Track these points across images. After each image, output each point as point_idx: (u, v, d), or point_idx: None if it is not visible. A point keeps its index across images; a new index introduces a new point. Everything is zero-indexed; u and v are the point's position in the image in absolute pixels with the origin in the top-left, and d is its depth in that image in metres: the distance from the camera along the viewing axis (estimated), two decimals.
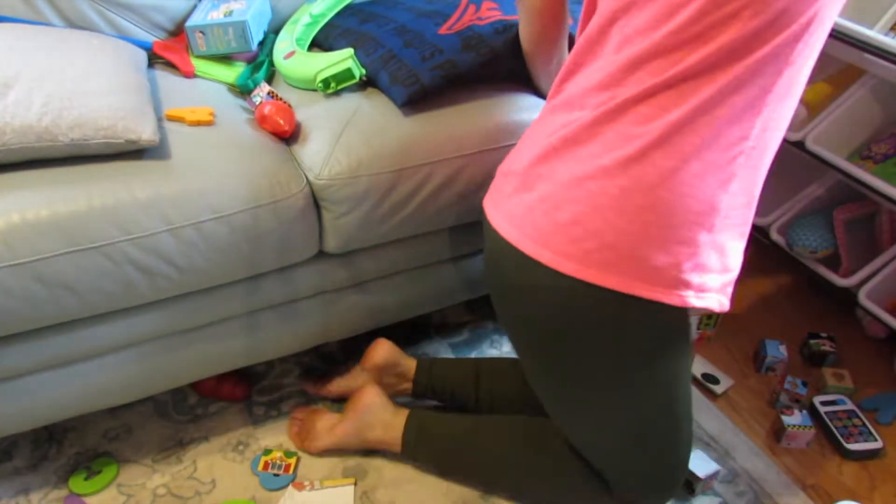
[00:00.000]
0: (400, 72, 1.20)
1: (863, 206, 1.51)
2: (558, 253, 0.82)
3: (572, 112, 0.86)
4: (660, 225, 0.80)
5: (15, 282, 0.97)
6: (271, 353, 1.29)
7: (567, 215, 0.82)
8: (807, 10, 0.76)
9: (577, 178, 0.82)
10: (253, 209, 1.08)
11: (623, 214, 0.80)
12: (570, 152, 0.84)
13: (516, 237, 0.87)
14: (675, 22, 0.78)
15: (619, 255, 0.80)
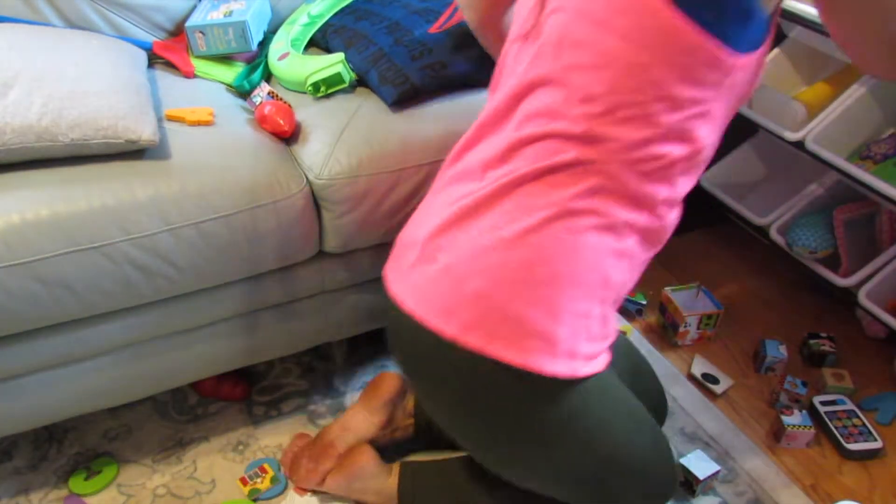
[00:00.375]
0: (389, 71, 1.20)
1: (863, 206, 1.51)
2: (462, 327, 0.83)
3: (471, 183, 0.87)
4: (560, 298, 0.81)
5: (15, 282, 0.97)
6: (271, 353, 1.29)
7: (471, 288, 0.82)
8: (696, 135, 0.80)
9: (478, 249, 0.82)
10: (253, 209, 1.08)
11: (526, 288, 0.81)
12: (471, 223, 0.84)
13: (420, 311, 0.86)
14: (579, 111, 0.79)
15: (523, 329, 0.81)
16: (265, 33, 1.42)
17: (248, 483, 1.24)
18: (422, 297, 0.86)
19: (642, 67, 0.76)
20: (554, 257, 0.80)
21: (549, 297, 0.81)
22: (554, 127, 0.81)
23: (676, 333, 1.55)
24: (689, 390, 1.46)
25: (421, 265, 0.87)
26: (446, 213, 0.86)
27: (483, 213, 0.84)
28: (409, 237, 0.91)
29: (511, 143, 0.84)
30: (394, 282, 0.91)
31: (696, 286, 1.59)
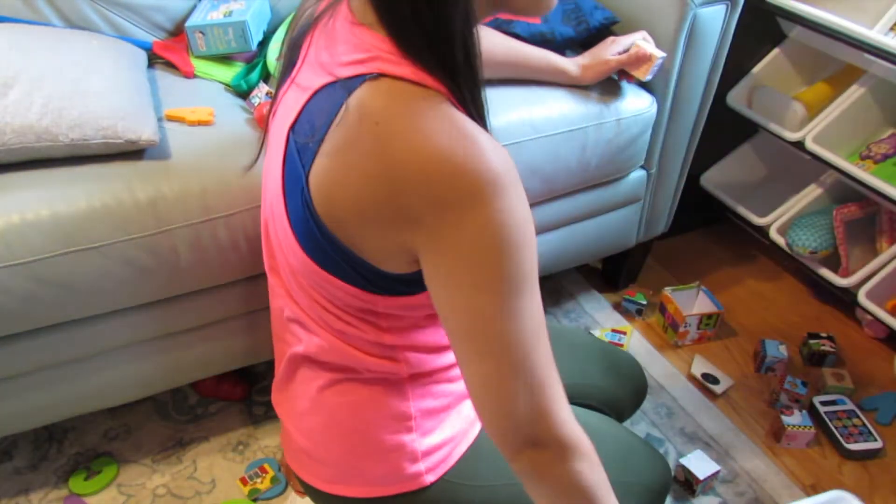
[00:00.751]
0: None
1: (863, 206, 1.51)
2: (308, 473, 0.89)
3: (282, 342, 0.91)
4: (366, 446, 0.84)
5: (15, 282, 0.97)
6: (271, 353, 1.29)
7: (297, 447, 0.89)
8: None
9: (296, 412, 0.89)
10: (253, 209, 1.08)
11: (336, 442, 0.85)
12: (285, 391, 0.90)
13: (287, 457, 0.94)
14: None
15: (347, 473, 0.86)
16: (265, 33, 1.42)
17: (248, 483, 1.24)
18: (286, 447, 0.94)
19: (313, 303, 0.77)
20: (337, 412, 0.84)
21: (356, 445, 0.85)
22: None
23: (676, 333, 1.55)
24: (689, 390, 1.46)
25: (282, 421, 0.94)
26: (276, 376, 0.93)
27: (291, 381, 0.89)
28: (274, 382, 0.96)
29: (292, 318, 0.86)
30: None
31: (696, 286, 1.59)
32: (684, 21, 1.26)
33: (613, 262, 1.69)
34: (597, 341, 1.24)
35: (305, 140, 0.66)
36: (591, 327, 1.61)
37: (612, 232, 1.50)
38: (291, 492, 1.23)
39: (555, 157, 1.26)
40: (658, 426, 1.39)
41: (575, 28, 1.31)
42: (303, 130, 0.67)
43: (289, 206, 0.70)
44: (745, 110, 1.58)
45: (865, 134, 1.50)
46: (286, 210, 0.71)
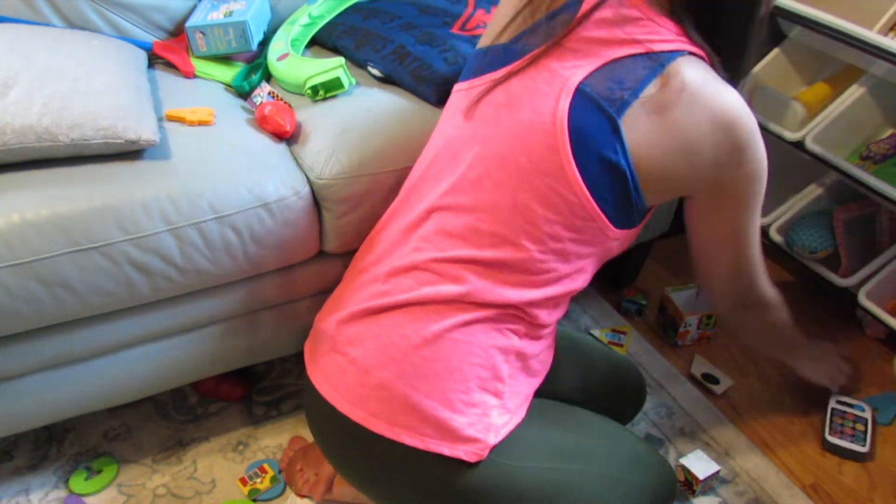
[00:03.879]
0: (423, 69, 1.19)
1: (863, 206, 1.51)
2: (370, 413, 0.90)
3: (378, 284, 0.94)
4: (453, 391, 0.89)
5: (15, 282, 0.97)
6: (271, 353, 1.29)
7: (375, 380, 0.90)
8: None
9: (382, 345, 0.90)
10: (253, 209, 1.08)
11: (425, 381, 0.89)
12: (377, 322, 0.92)
13: (332, 395, 0.93)
14: (484, 244, 0.90)
15: (422, 418, 0.89)
16: (265, 33, 1.42)
17: (248, 483, 1.24)
18: (334, 384, 0.93)
19: (547, 223, 0.88)
20: (449, 355, 0.89)
21: (443, 390, 0.89)
22: (454, 254, 0.90)
23: (676, 333, 1.55)
24: (688, 390, 1.46)
25: (332, 354, 0.95)
26: (355, 309, 0.94)
27: (388, 315, 0.92)
28: (323, 324, 0.98)
29: (414, 263, 0.92)
30: (310, 364, 0.99)
31: (697, 286, 1.59)
32: None
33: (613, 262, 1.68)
34: (598, 345, 1.24)
35: (608, 91, 0.83)
36: (591, 327, 1.61)
37: None
38: (292, 494, 1.23)
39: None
40: (658, 426, 1.39)
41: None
42: (602, 82, 0.84)
43: (576, 147, 0.84)
44: None
45: (865, 134, 1.50)
46: (572, 152, 0.84)
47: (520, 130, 0.87)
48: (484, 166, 0.89)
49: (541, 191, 0.86)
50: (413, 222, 0.94)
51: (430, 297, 0.90)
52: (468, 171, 0.90)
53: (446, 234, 0.91)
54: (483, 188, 0.89)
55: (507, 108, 0.89)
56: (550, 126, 0.85)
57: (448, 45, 1.23)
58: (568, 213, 0.87)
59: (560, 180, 0.85)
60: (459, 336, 0.89)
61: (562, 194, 0.86)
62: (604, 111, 0.83)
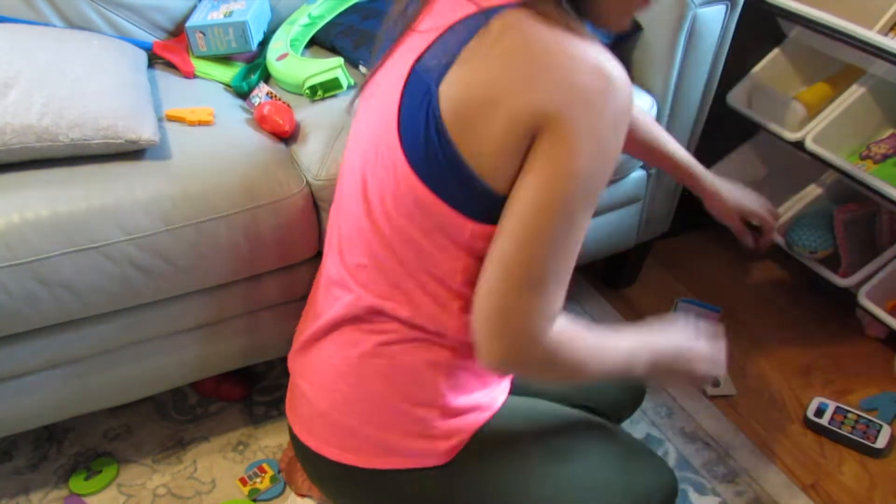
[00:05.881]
0: None
1: (863, 206, 1.51)
2: (322, 441, 0.89)
3: (319, 305, 0.91)
4: (388, 412, 0.86)
5: (15, 282, 0.97)
6: (271, 353, 1.29)
7: (318, 410, 0.89)
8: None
9: (319, 377, 0.89)
10: (253, 209, 1.08)
11: (356, 408, 0.87)
12: (316, 348, 0.90)
13: (295, 424, 0.93)
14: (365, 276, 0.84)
15: (365, 440, 0.87)
16: (265, 33, 1.42)
17: (248, 483, 1.24)
18: (294, 414, 0.93)
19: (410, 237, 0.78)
20: (372, 380, 0.85)
21: (375, 414, 0.86)
22: (354, 261, 0.84)
23: None
24: (689, 390, 1.46)
25: (293, 386, 0.94)
26: (303, 338, 0.92)
27: (322, 342, 0.89)
28: (290, 356, 0.97)
29: (332, 277, 0.88)
30: (288, 392, 0.98)
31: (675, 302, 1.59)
32: (684, 21, 1.26)
33: (613, 262, 1.69)
34: None
35: (436, 62, 0.71)
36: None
37: (612, 232, 1.50)
38: (292, 494, 1.23)
39: None
40: (658, 426, 1.39)
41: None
42: (432, 57, 0.72)
43: (404, 134, 0.74)
44: (745, 110, 1.58)
45: (865, 134, 1.49)
46: (400, 141, 0.74)
47: (374, 132, 0.80)
48: (360, 174, 0.83)
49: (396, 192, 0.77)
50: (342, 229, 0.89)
51: (344, 315, 0.85)
52: (350, 178, 0.85)
53: (350, 241, 0.85)
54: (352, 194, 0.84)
55: (366, 103, 0.83)
56: (390, 128, 0.75)
57: None
58: (417, 213, 0.76)
59: (401, 178, 0.76)
60: (380, 359, 0.84)
61: (405, 192, 0.76)
62: (426, 86, 0.71)
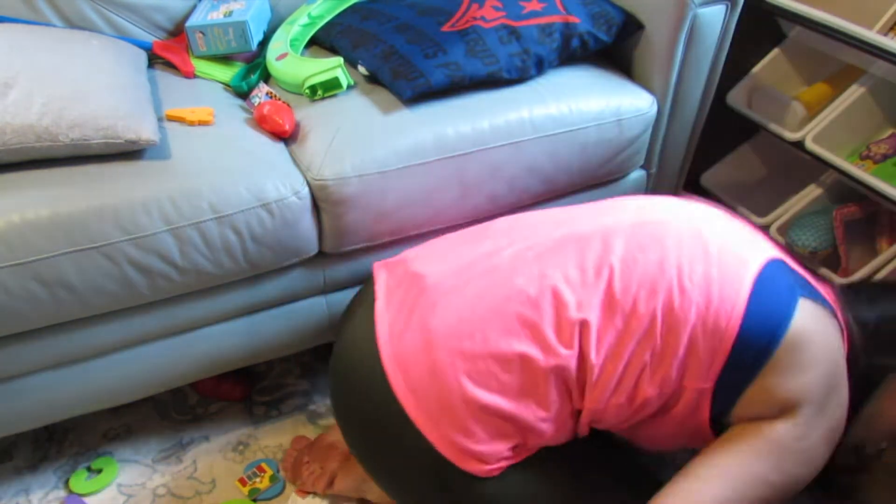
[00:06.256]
0: (402, 67, 1.20)
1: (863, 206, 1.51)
2: (404, 379, 0.93)
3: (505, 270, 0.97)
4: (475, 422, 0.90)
5: (15, 282, 0.97)
6: (271, 353, 1.29)
7: (430, 359, 0.92)
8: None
9: (459, 333, 0.92)
10: (253, 209, 1.08)
11: (466, 396, 0.90)
12: (475, 303, 0.94)
13: (385, 343, 0.95)
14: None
15: (446, 419, 0.90)
16: (265, 33, 1.42)
17: (248, 483, 1.24)
18: (393, 331, 0.94)
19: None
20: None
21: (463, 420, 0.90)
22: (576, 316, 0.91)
23: None
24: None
25: (409, 302, 0.96)
26: (463, 281, 0.95)
27: (483, 298, 0.92)
28: (418, 268, 0.99)
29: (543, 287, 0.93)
30: (383, 293, 1.00)
31: None
32: (684, 21, 1.27)
33: None
34: None
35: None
36: None
37: None
38: (292, 494, 1.23)
39: (555, 157, 1.26)
40: None
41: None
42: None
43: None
44: (745, 110, 1.58)
45: (865, 134, 1.49)
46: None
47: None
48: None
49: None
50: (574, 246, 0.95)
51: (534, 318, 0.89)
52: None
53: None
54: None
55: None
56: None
57: (433, 43, 1.23)
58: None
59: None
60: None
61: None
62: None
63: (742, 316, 0.86)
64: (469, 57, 1.21)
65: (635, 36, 1.35)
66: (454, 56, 1.21)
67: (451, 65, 1.20)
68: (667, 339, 0.87)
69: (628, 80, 1.35)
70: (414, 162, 1.16)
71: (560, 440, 0.94)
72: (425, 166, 1.17)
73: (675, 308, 0.87)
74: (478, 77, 1.22)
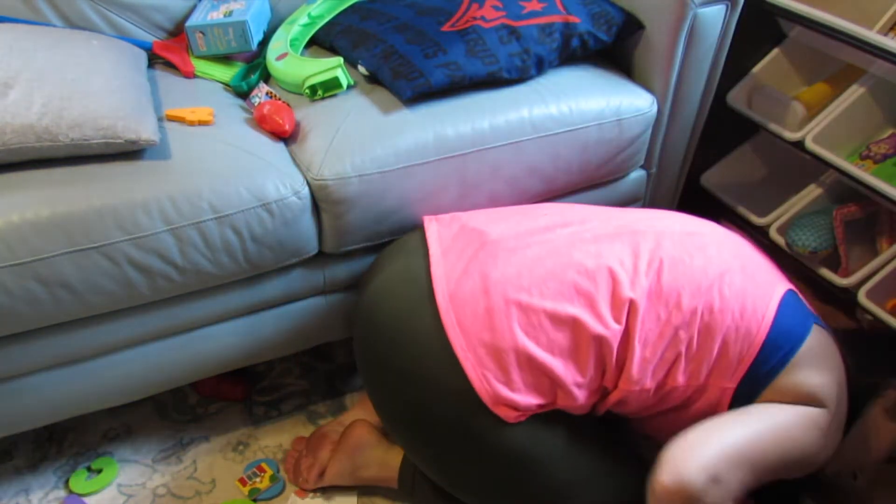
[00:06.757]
0: (402, 67, 1.20)
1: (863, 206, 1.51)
2: (458, 319, 0.98)
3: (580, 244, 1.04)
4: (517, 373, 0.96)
5: (15, 282, 0.97)
6: (271, 353, 1.29)
7: (485, 304, 0.98)
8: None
9: (519, 287, 0.99)
10: (253, 209, 1.08)
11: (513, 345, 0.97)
12: (542, 261, 1.01)
13: (439, 280, 1.02)
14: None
15: (491, 359, 0.96)
16: (265, 33, 1.42)
17: (248, 483, 1.24)
18: (448, 270, 1.01)
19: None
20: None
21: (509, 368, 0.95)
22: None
23: None
24: None
25: (472, 245, 1.03)
26: (524, 230, 1.04)
27: (548, 259, 1.00)
28: (476, 223, 1.07)
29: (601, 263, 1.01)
30: (437, 227, 1.09)
31: None
32: (684, 21, 1.27)
33: None
34: None
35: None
36: None
37: None
38: (292, 494, 1.23)
39: (555, 157, 1.26)
40: None
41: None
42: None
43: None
44: (745, 110, 1.58)
45: (865, 134, 1.49)
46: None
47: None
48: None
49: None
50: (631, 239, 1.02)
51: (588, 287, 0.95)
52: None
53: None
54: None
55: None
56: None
57: (433, 43, 1.23)
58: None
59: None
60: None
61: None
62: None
63: (770, 327, 0.96)
64: (469, 57, 1.21)
65: (635, 36, 1.35)
66: (454, 56, 1.21)
67: (451, 65, 1.20)
68: (703, 336, 0.95)
69: (628, 80, 1.35)
70: (414, 162, 1.16)
71: (581, 412, 1.00)
72: (425, 166, 1.17)
73: (714, 310, 0.95)
74: (478, 77, 1.22)
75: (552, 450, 0.97)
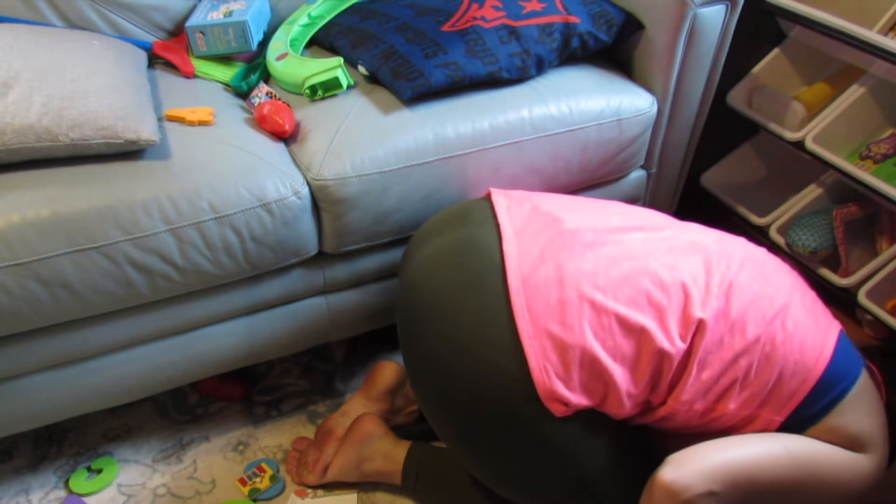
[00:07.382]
0: (402, 67, 1.20)
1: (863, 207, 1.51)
2: (527, 301, 0.96)
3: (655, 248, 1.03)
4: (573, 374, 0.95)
5: (15, 282, 0.97)
6: (271, 353, 1.29)
7: (557, 296, 0.97)
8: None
9: (593, 285, 0.96)
10: (253, 209, 1.08)
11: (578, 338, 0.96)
12: (619, 263, 1.00)
13: (513, 263, 0.99)
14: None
15: (552, 350, 0.94)
16: (265, 33, 1.42)
17: (248, 483, 1.24)
18: (524, 255, 0.98)
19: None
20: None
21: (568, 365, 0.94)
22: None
23: None
24: None
25: (548, 232, 1.00)
26: (602, 226, 1.02)
27: (625, 261, 0.98)
28: (550, 207, 1.05)
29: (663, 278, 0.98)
30: (508, 206, 1.07)
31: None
32: (684, 21, 1.27)
33: None
34: None
35: None
36: None
37: None
38: (292, 494, 1.23)
39: (555, 157, 1.27)
40: None
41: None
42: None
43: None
44: (745, 110, 1.58)
45: (865, 134, 1.49)
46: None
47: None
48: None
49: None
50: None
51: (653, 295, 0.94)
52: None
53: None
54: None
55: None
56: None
57: (433, 43, 1.23)
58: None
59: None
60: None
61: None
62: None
63: (826, 366, 0.95)
64: (469, 57, 1.21)
65: (635, 36, 1.35)
66: (454, 56, 1.21)
67: (451, 64, 1.20)
68: (762, 366, 0.94)
69: (628, 80, 1.35)
70: (414, 162, 1.16)
71: (619, 419, 0.99)
72: (425, 166, 1.17)
73: (776, 342, 0.94)
74: (478, 77, 1.22)
75: (591, 448, 0.96)
